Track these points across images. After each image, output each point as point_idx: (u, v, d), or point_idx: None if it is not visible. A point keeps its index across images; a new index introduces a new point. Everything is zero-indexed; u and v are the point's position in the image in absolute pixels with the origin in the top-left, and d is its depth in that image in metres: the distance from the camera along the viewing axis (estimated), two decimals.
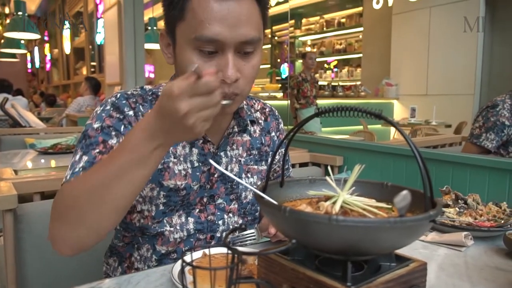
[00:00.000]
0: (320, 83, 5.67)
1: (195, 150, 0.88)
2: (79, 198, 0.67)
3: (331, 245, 0.51)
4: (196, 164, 0.88)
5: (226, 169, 0.91)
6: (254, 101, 1.03)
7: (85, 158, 0.77)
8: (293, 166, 1.93)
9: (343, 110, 0.58)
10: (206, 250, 0.80)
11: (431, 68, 5.31)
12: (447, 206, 1.16)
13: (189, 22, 0.74)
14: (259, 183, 0.97)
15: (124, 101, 0.83)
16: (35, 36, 5.74)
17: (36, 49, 11.69)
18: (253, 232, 0.92)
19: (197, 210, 0.90)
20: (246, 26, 0.74)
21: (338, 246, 0.51)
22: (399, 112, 5.62)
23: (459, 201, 1.16)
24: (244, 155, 0.95)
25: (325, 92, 5.47)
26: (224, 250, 0.77)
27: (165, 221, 0.87)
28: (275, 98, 5.60)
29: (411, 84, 5.61)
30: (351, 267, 0.52)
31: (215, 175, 0.90)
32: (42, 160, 2.29)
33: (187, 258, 0.70)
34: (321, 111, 0.59)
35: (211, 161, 0.65)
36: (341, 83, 6.23)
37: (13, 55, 8.86)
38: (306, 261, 0.59)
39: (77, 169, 0.75)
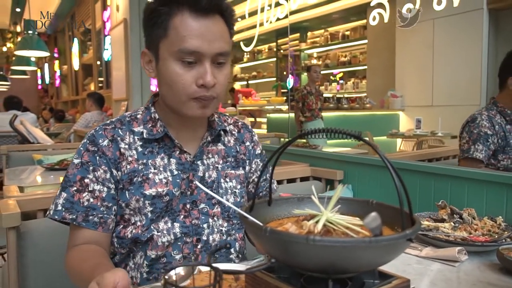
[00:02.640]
0: (325, 95, 5.69)
1: (173, 160, 0.96)
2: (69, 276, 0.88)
3: (310, 264, 0.53)
4: (175, 172, 0.95)
5: (204, 176, 0.99)
6: (226, 117, 1.13)
7: (64, 195, 0.90)
8: (294, 180, 1.95)
9: (325, 132, 0.60)
10: (202, 268, 0.81)
11: (436, 79, 5.31)
12: (443, 220, 1.17)
13: (172, 38, 0.86)
14: (238, 186, 1.04)
15: (100, 132, 0.94)
16: (45, 53, 5.89)
17: (46, 65, 11.92)
18: (262, 259, 0.93)
19: (182, 216, 0.96)
20: (220, 41, 0.88)
21: (317, 264, 0.52)
22: (404, 124, 5.61)
23: (455, 215, 1.17)
24: (221, 162, 1.03)
25: (330, 105, 5.48)
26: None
27: (152, 227, 0.93)
28: (280, 111, 5.62)
29: (416, 95, 5.61)
30: (332, 285, 0.54)
31: (194, 182, 0.97)
32: (51, 176, 2.34)
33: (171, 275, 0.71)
34: (303, 133, 0.61)
35: (197, 183, 0.68)
36: (346, 95, 6.24)
37: (23, 72, 9.07)
38: (292, 279, 0.61)
39: (59, 208, 0.89)
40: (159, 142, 0.96)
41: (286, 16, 3.02)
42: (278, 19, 3.13)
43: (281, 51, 8.21)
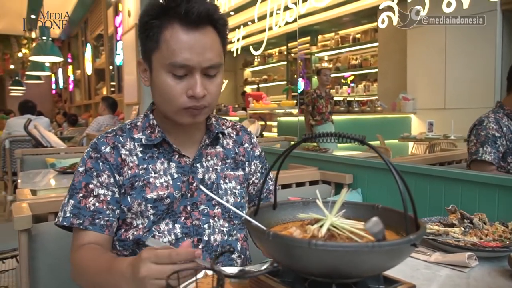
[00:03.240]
0: (335, 98, 5.67)
1: (173, 164, 0.98)
2: (78, 277, 0.90)
3: (313, 268, 0.52)
4: (175, 176, 0.98)
5: (204, 178, 1.01)
6: (225, 120, 1.14)
7: (71, 201, 0.93)
8: (303, 184, 1.94)
9: (329, 137, 0.60)
10: (208, 271, 0.82)
11: (448, 82, 5.24)
12: (453, 225, 1.15)
13: (163, 51, 0.88)
14: (238, 187, 1.05)
15: (102, 140, 0.97)
16: (59, 59, 5.99)
17: (60, 71, 12.13)
18: (267, 264, 0.93)
19: (183, 217, 0.97)
20: (210, 53, 0.89)
21: (320, 269, 0.52)
22: (416, 127, 5.55)
23: (465, 220, 1.15)
24: (220, 163, 1.05)
25: (341, 108, 5.46)
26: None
27: (153, 229, 0.95)
28: (291, 114, 5.62)
29: (428, 98, 5.55)
30: None
31: (194, 184, 0.98)
32: (64, 180, 2.37)
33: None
34: (306, 137, 0.61)
35: (201, 187, 0.69)
36: (357, 98, 6.20)
37: (38, 77, 9.24)
38: (296, 283, 0.61)
39: (68, 214, 0.92)
40: (158, 147, 0.99)
41: (295, 20, 3.02)
42: (287, 23, 3.14)
43: (292, 54, 8.21)
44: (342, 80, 7.82)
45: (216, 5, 0.93)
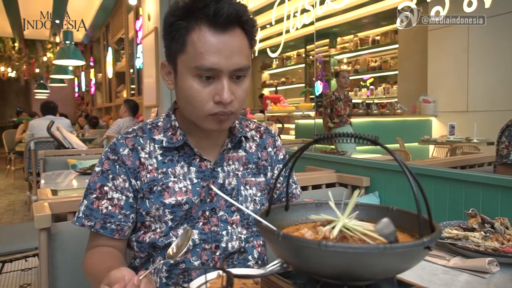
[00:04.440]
0: (354, 101, 5.61)
1: (193, 169, 0.96)
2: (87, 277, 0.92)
3: (324, 270, 0.52)
4: (195, 181, 0.95)
5: (224, 183, 0.98)
6: (248, 122, 1.11)
7: (85, 202, 0.93)
8: (320, 186, 1.93)
9: (341, 137, 0.59)
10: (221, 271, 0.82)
11: (471, 84, 5.12)
12: (473, 230, 1.12)
13: (190, 54, 0.85)
14: (258, 194, 1.02)
15: (122, 141, 0.95)
16: (81, 62, 6.14)
17: (82, 74, 12.41)
18: (278, 263, 0.93)
19: (201, 223, 0.96)
20: (238, 56, 0.85)
21: (331, 271, 0.51)
22: (437, 130, 5.44)
23: (486, 224, 1.12)
24: (241, 169, 1.01)
25: (360, 110, 5.40)
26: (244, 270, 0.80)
27: (171, 234, 0.94)
28: (309, 117, 5.59)
29: (450, 100, 5.43)
30: None
31: (213, 189, 0.95)
32: (85, 180, 2.42)
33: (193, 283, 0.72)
34: (319, 137, 0.60)
35: (213, 187, 0.68)
36: (377, 101, 6.13)
37: (61, 81, 9.49)
38: (308, 285, 0.60)
39: (80, 214, 0.93)
40: (179, 150, 0.96)
41: (312, 23, 3.01)
42: (304, 26, 3.12)
43: (310, 57, 8.18)
44: (361, 83, 7.74)
45: (245, 5, 0.89)
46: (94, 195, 0.93)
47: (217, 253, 0.95)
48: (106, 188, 0.92)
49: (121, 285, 0.63)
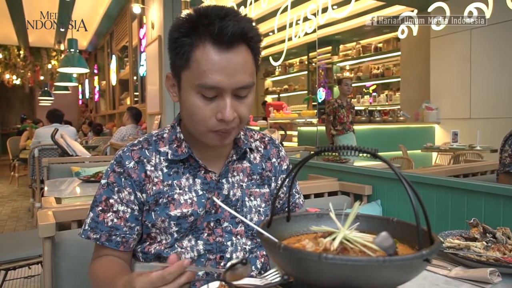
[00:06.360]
0: (357, 108, 5.61)
1: (198, 181, 0.97)
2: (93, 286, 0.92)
3: (324, 281, 0.52)
4: (200, 193, 0.96)
5: (229, 194, 0.99)
6: (253, 132, 1.11)
7: (91, 214, 0.94)
8: (322, 195, 1.93)
9: (341, 149, 0.60)
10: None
11: (474, 91, 5.12)
12: (475, 239, 1.12)
13: (193, 71, 0.84)
14: (263, 205, 1.03)
15: (128, 153, 0.96)
16: (85, 70, 6.19)
17: (86, 81, 12.49)
18: (276, 271, 0.93)
19: (206, 234, 0.96)
20: (242, 74, 0.84)
21: (332, 282, 0.52)
22: (440, 137, 5.43)
23: (487, 234, 1.12)
24: (246, 180, 1.02)
25: (362, 118, 5.40)
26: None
27: (176, 245, 0.94)
28: (311, 124, 5.60)
29: (452, 107, 5.43)
30: None
31: (219, 200, 0.96)
32: (89, 188, 2.43)
33: None
34: (320, 150, 0.61)
35: (215, 199, 0.69)
36: (379, 108, 6.13)
37: (66, 88, 9.56)
38: None
39: (86, 227, 0.94)
40: (184, 162, 0.96)
41: (315, 31, 3.03)
42: (306, 34, 3.15)
43: (313, 64, 8.21)
44: (363, 90, 7.76)
45: (251, 20, 0.87)
46: (100, 208, 0.93)
47: (222, 264, 0.96)
48: (111, 201, 0.93)
49: (179, 264, 0.66)
